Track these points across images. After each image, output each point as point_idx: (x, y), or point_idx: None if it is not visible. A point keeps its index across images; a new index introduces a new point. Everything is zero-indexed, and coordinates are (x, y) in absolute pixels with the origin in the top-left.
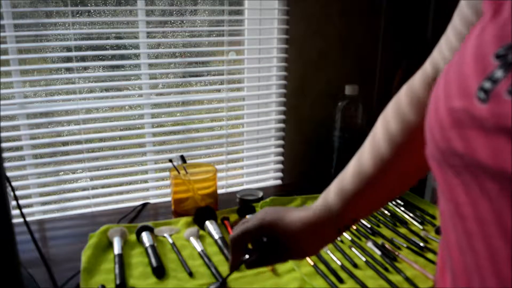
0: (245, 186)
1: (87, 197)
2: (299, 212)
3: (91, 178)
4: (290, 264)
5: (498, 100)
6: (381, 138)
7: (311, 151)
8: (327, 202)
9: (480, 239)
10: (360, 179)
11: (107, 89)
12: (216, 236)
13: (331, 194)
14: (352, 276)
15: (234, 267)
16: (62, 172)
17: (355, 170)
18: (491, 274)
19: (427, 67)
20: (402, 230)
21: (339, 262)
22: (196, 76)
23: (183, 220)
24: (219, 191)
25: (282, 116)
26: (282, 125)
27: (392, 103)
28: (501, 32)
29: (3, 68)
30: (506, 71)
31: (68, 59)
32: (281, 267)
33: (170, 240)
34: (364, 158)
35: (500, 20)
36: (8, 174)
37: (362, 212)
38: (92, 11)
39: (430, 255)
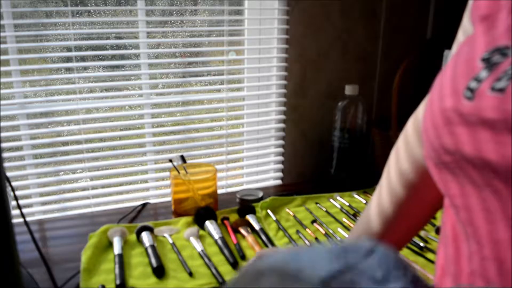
0: (245, 186)
1: (87, 197)
2: None
3: (91, 178)
4: None
5: (482, 97)
6: (395, 179)
7: (311, 151)
8: None
9: (471, 228)
10: (383, 221)
11: (107, 89)
12: (216, 236)
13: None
14: None
15: None
16: (62, 172)
17: (377, 213)
18: (479, 260)
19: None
20: None
21: None
22: (196, 76)
23: (183, 220)
24: (219, 191)
25: (282, 116)
26: (282, 125)
27: (402, 137)
28: (486, 39)
29: (3, 68)
30: (490, 71)
31: (68, 59)
32: None
33: (170, 240)
34: (383, 202)
35: (486, 28)
36: (8, 174)
37: None
38: (92, 11)
39: (430, 255)
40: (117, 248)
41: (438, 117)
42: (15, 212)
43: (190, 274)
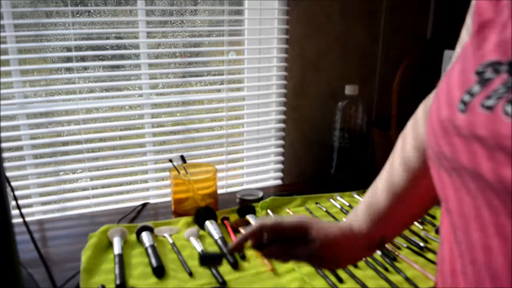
0: (245, 186)
1: (87, 197)
2: (334, 224)
3: (91, 178)
4: (290, 264)
5: (473, 112)
6: (410, 149)
7: (311, 151)
8: (355, 220)
9: (462, 232)
10: (391, 195)
11: (107, 89)
12: (216, 236)
13: (359, 212)
14: (352, 276)
15: (239, 245)
16: (62, 172)
17: (384, 186)
18: (469, 262)
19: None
20: None
21: None
22: (196, 76)
23: (183, 220)
24: (219, 191)
25: (282, 116)
26: (282, 125)
27: (412, 121)
28: (483, 50)
29: (3, 68)
30: (482, 86)
31: (68, 59)
32: (281, 267)
33: (170, 240)
34: (395, 172)
35: (481, 39)
36: (8, 174)
37: (390, 229)
38: (92, 11)
39: (430, 255)
40: (117, 248)
41: (436, 125)
42: (15, 212)
43: (190, 274)
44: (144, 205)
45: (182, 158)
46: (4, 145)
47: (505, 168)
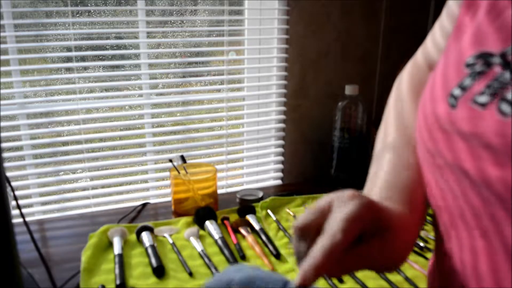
0: (245, 186)
1: (87, 197)
2: (383, 201)
3: (91, 178)
4: (290, 264)
5: (464, 107)
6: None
7: (311, 151)
8: (395, 196)
9: (453, 231)
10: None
11: (107, 89)
12: (216, 236)
13: (384, 190)
14: (352, 276)
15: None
16: (62, 172)
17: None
18: (458, 261)
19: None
20: None
21: None
22: (196, 76)
23: (183, 220)
24: (219, 191)
25: (282, 116)
26: (282, 125)
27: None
28: (470, 38)
29: (3, 68)
30: (473, 80)
31: (68, 59)
32: (281, 267)
33: (170, 240)
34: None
35: (472, 29)
36: (8, 174)
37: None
38: (92, 11)
39: (430, 255)
40: (117, 248)
41: (421, 120)
42: (15, 212)
43: (190, 274)
44: (144, 205)
45: (182, 158)
46: (4, 145)
47: (489, 166)
